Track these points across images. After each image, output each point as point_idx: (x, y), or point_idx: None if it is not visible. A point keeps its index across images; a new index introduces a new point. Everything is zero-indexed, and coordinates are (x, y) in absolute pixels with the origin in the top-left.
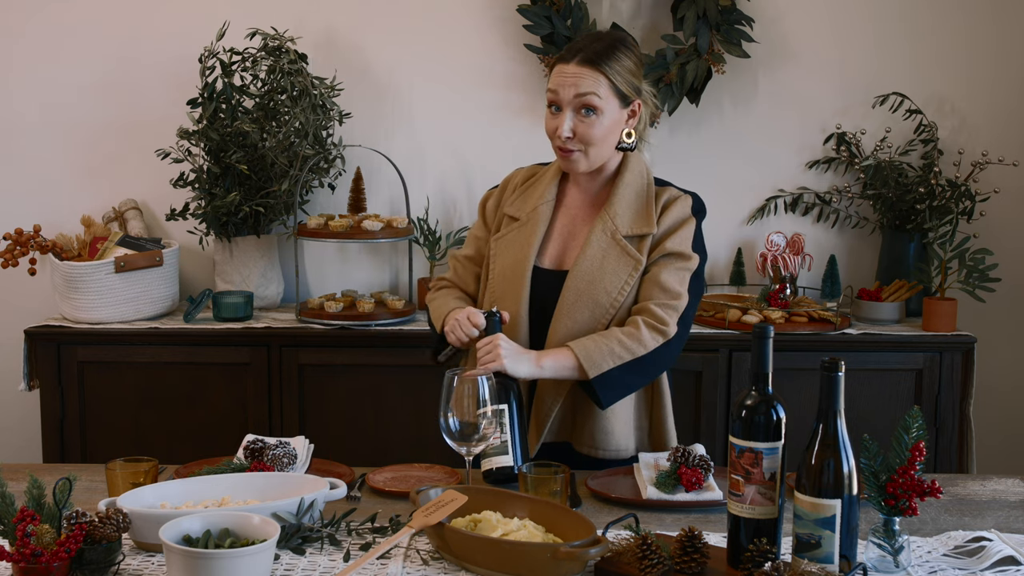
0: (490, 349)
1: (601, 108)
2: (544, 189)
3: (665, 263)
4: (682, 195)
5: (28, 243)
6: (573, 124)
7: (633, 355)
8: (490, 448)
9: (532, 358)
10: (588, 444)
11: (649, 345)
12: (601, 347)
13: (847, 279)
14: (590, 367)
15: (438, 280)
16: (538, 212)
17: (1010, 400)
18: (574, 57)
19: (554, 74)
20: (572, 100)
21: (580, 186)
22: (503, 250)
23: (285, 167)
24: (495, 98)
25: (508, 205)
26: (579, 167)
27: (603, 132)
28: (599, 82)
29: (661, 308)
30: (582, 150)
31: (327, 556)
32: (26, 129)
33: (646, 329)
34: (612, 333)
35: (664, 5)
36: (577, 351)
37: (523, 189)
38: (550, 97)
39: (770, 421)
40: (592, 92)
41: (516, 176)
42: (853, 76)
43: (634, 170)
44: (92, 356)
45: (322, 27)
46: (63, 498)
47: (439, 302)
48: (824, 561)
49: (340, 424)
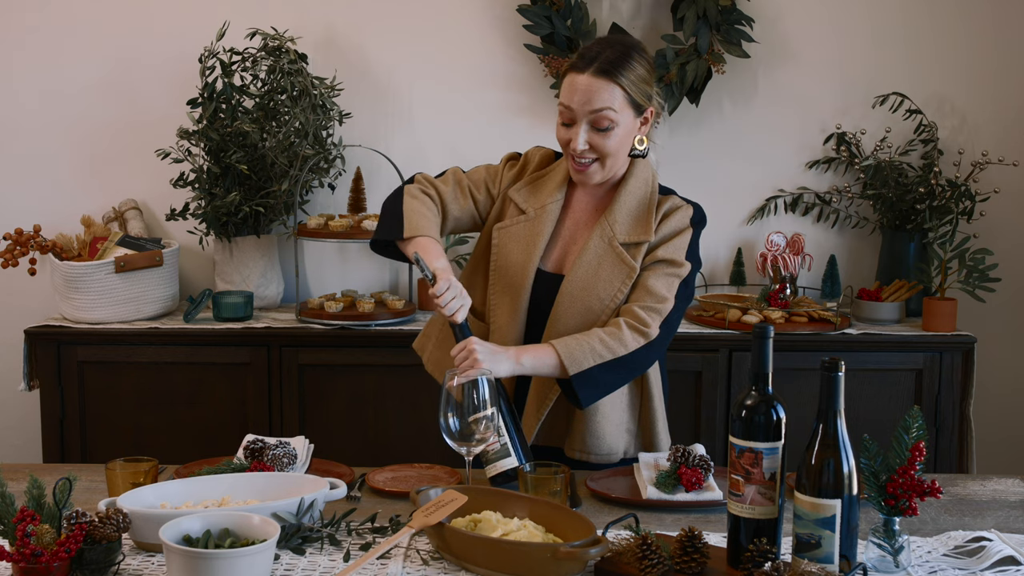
0: (466, 355)
1: (616, 121)
2: (555, 187)
3: (656, 268)
4: (684, 205)
5: (28, 243)
6: (588, 137)
7: (614, 355)
8: (491, 454)
9: (511, 355)
10: (579, 449)
11: (630, 346)
12: (583, 345)
13: (847, 279)
14: (571, 364)
15: (426, 181)
16: (547, 211)
17: (1010, 400)
18: (588, 67)
19: (566, 85)
20: (587, 115)
21: (587, 190)
22: (507, 244)
23: (285, 167)
24: (495, 98)
25: (516, 191)
26: (593, 179)
27: (618, 144)
28: (614, 94)
29: (644, 311)
30: (598, 161)
31: (327, 556)
32: (26, 129)
33: (628, 330)
34: (594, 332)
35: (664, 5)
36: (559, 348)
37: (534, 179)
38: (563, 111)
39: (770, 421)
40: (608, 107)
41: (535, 157)
42: (853, 76)
43: (640, 176)
44: (92, 356)
45: (322, 27)
46: (63, 498)
47: (418, 207)
48: (824, 561)
49: (340, 424)
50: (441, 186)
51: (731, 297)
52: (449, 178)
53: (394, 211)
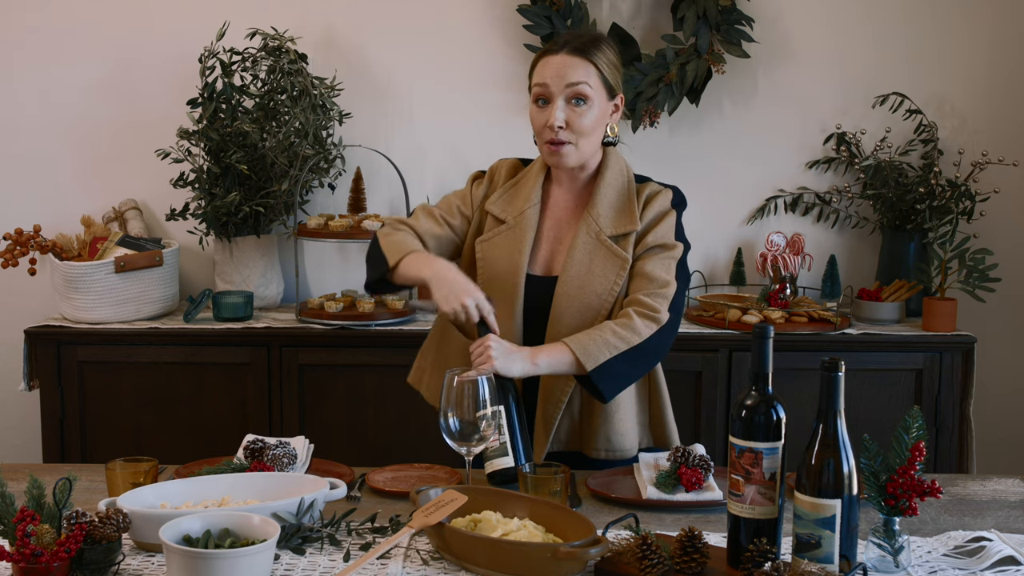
0: (481, 352)
1: (592, 98)
2: (530, 191)
3: (650, 255)
4: (663, 189)
5: (28, 243)
6: (565, 114)
7: (628, 344)
8: (490, 451)
9: (526, 355)
10: (604, 448)
11: (643, 333)
12: (596, 339)
13: (847, 279)
14: (587, 360)
15: (396, 222)
16: (525, 216)
17: (1010, 400)
18: (561, 48)
19: (540, 66)
20: (564, 90)
21: (563, 186)
22: (491, 255)
23: (285, 167)
24: (495, 98)
25: (492, 203)
26: (569, 161)
27: (593, 123)
28: (589, 71)
29: (650, 297)
30: (573, 142)
31: (327, 556)
32: (26, 129)
33: (638, 318)
34: (605, 325)
35: (664, 5)
36: (572, 346)
37: (507, 188)
38: (538, 91)
39: (770, 421)
40: (583, 81)
41: (502, 170)
42: (853, 76)
43: (614, 168)
44: (92, 356)
45: (322, 27)
46: (63, 498)
47: (396, 238)
48: (824, 561)
49: (340, 424)
50: (412, 221)
51: (731, 297)
52: (419, 213)
53: (375, 252)
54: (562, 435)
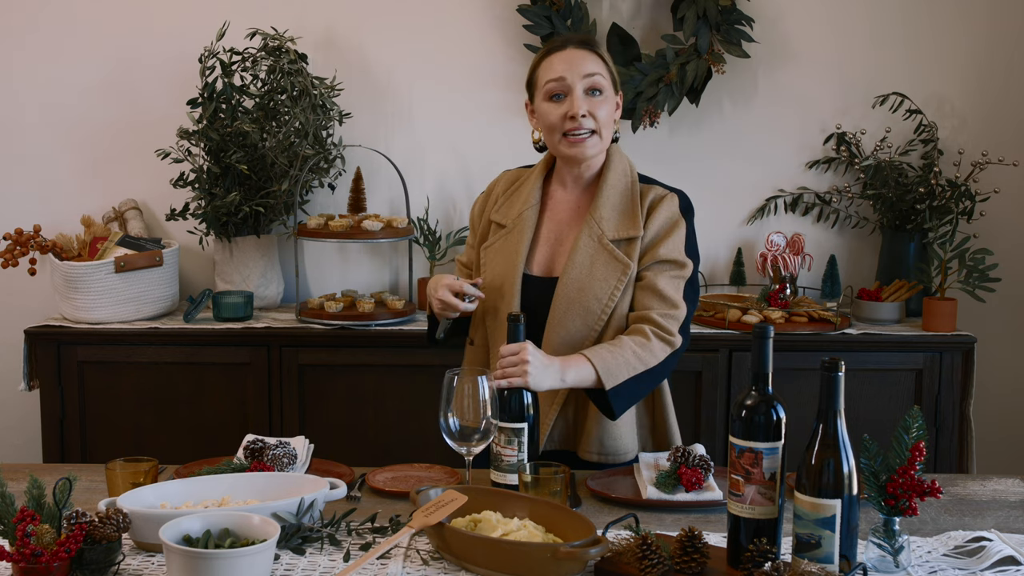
0: (516, 361)
1: (606, 89)
2: (528, 192)
3: (659, 270)
4: (668, 194)
5: (28, 243)
6: (586, 103)
7: (646, 366)
8: (505, 464)
9: (556, 371)
10: (596, 451)
11: (660, 356)
12: (618, 358)
13: (847, 279)
14: (608, 379)
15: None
16: (523, 218)
17: (1010, 400)
18: (566, 45)
19: (548, 64)
20: (581, 80)
21: (565, 186)
22: (492, 259)
23: (285, 167)
24: (495, 98)
25: (494, 212)
26: (590, 151)
27: (608, 115)
28: (600, 64)
29: (664, 319)
30: (597, 131)
31: (327, 556)
32: (26, 129)
33: (656, 340)
34: (625, 344)
35: (664, 5)
36: (596, 363)
37: (508, 194)
38: (552, 86)
39: (770, 421)
40: (598, 72)
41: (500, 181)
42: (853, 76)
43: (617, 168)
44: (92, 356)
45: (322, 27)
46: (63, 498)
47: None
48: (824, 561)
49: (340, 424)
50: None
51: (731, 297)
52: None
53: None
54: (556, 435)
